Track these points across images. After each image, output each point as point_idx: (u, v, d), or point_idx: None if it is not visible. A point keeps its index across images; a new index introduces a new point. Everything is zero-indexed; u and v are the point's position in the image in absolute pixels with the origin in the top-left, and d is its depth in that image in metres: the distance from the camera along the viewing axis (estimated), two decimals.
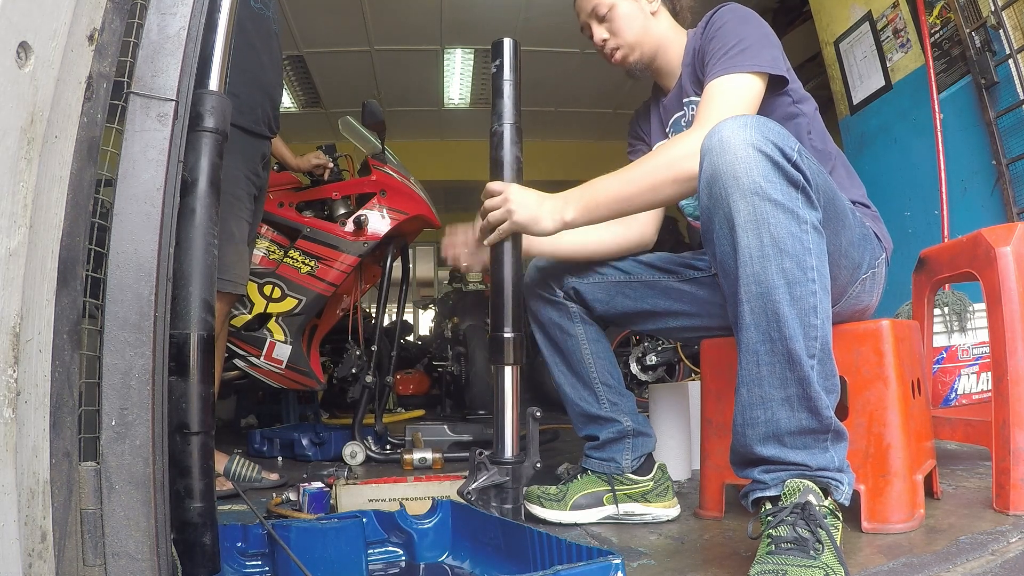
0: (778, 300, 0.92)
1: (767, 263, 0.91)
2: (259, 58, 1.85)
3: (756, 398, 0.96)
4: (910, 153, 3.07)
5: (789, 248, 0.91)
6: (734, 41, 1.23)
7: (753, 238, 0.92)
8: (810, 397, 0.93)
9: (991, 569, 0.96)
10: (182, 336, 0.80)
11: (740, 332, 0.96)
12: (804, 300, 0.92)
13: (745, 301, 0.93)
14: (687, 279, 1.45)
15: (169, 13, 0.80)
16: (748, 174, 0.91)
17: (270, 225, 2.57)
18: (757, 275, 0.92)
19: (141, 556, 0.71)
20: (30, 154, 0.64)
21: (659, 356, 3.86)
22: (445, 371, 4.78)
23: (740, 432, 0.99)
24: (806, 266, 0.92)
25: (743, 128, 0.93)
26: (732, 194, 0.92)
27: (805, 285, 0.92)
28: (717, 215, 0.95)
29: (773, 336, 0.92)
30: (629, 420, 1.43)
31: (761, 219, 0.91)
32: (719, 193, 0.94)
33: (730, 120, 0.96)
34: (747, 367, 0.96)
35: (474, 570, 1.09)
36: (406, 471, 2.12)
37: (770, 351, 0.93)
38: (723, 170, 0.93)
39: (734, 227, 0.93)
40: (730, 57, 1.21)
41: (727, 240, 0.95)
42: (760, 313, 0.93)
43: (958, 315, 2.12)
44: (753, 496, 0.98)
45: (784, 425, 0.94)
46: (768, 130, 0.93)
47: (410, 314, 9.12)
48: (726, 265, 0.96)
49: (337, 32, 5.02)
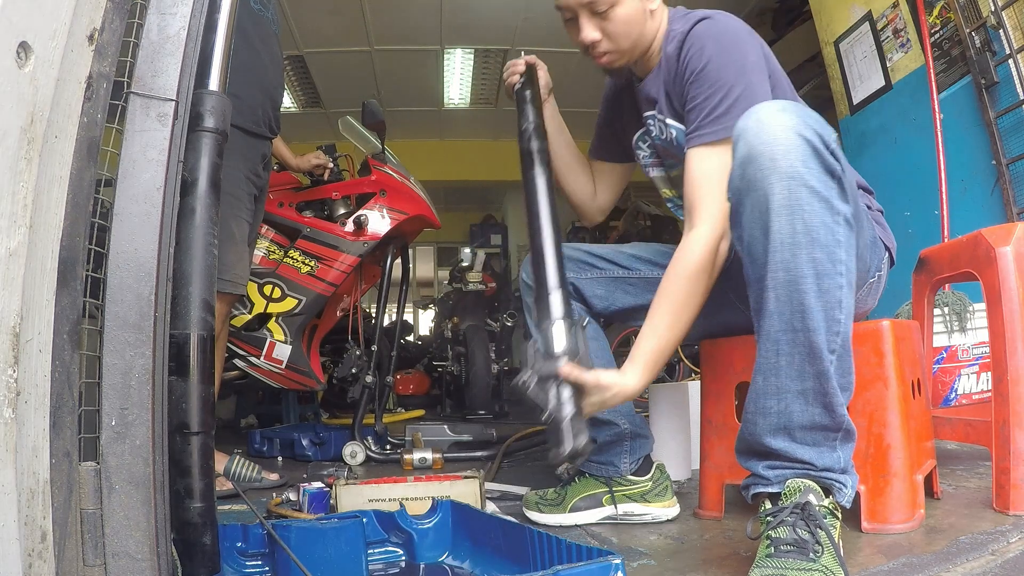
0: (805, 290, 0.90)
1: (798, 251, 0.89)
2: (259, 58, 1.85)
3: (771, 387, 0.94)
4: (910, 153, 3.07)
5: (821, 238, 0.89)
6: (719, 93, 1.15)
7: (786, 223, 0.89)
8: (826, 392, 0.92)
9: (991, 569, 0.96)
10: (182, 336, 0.80)
11: (762, 319, 0.94)
12: (831, 293, 0.91)
13: (771, 288, 0.91)
14: None
15: (169, 13, 0.80)
16: (786, 157, 0.88)
17: (270, 225, 2.57)
18: (786, 262, 0.90)
19: (141, 556, 0.71)
20: (30, 154, 0.64)
21: None
22: (445, 371, 4.78)
23: (751, 420, 0.98)
24: (836, 259, 0.90)
25: (782, 111, 0.91)
26: (768, 176, 0.89)
27: (833, 278, 0.90)
28: (749, 197, 0.92)
29: (796, 326, 0.91)
30: (627, 422, 1.43)
31: (796, 205, 0.88)
32: (753, 175, 0.90)
33: (768, 104, 0.94)
34: (766, 355, 0.94)
35: (474, 570, 1.09)
36: (406, 471, 2.12)
37: (791, 341, 0.92)
38: (761, 151, 0.89)
39: (767, 211, 0.90)
40: (715, 118, 1.14)
41: (758, 224, 0.92)
42: (785, 302, 0.91)
43: (958, 315, 2.12)
44: (754, 491, 0.98)
45: (796, 418, 0.94)
46: (807, 115, 0.91)
47: (410, 314, 9.12)
48: (754, 250, 0.94)
49: (337, 32, 5.02)
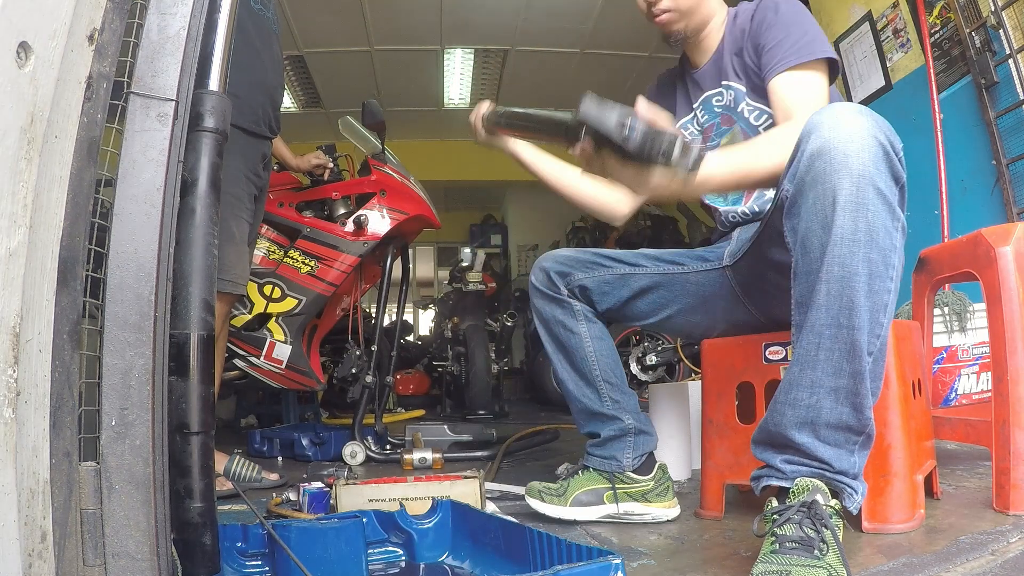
0: (857, 288, 0.90)
1: (856, 249, 0.90)
2: (259, 58, 1.85)
3: (806, 380, 0.95)
4: (910, 153, 3.03)
5: (880, 240, 0.90)
6: (797, 26, 1.23)
7: (849, 220, 0.90)
8: (858, 393, 0.93)
9: (991, 569, 0.96)
10: (182, 336, 0.80)
11: (809, 310, 0.94)
12: (879, 296, 0.92)
13: (824, 281, 0.92)
14: (695, 270, 1.43)
15: (169, 13, 0.80)
16: (860, 156, 0.89)
17: (270, 225, 2.57)
18: (843, 258, 0.90)
19: (141, 556, 0.71)
20: (30, 154, 0.63)
21: (659, 356, 3.86)
22: (445, 371, 4.78)
23: (778, 411, 0.98)
24: (889, 263, 0.92)
25: (859, 113, 0.92)
26: (839, 171, 0.90)
27: (884, 281, 0.92)
28: (815, 190, 0.92)
29: (842, 322, 0.91)
30: (631, 418, 1.43)
31: (862, 203, 0.89)
32: (823, 168, 0.91)
33: (843, 104, 0.95)
34: (806, 347, 0.95)
35: (474, 570, 1.09)
36: (406, 471, 2.12)
37: (834, 336, 0.92)
38: (835, 147, 0.91)
39: (834, 204, 0.90)
40: (798, 48, 1.21)
41: (819, 217, 0.92)
42: (836, 296, 0.91)
43: (958, 315, 2.12)
44: (765, 482, 0.98)
45: (825, 415, 0.94)
46: (882, 121, 0.93)
47: (410, 314, 9.12)
48: (810, 242, 0.94)
49: (337, 32, 5.02)
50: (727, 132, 1.37)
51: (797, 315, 0.97)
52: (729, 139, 1.36)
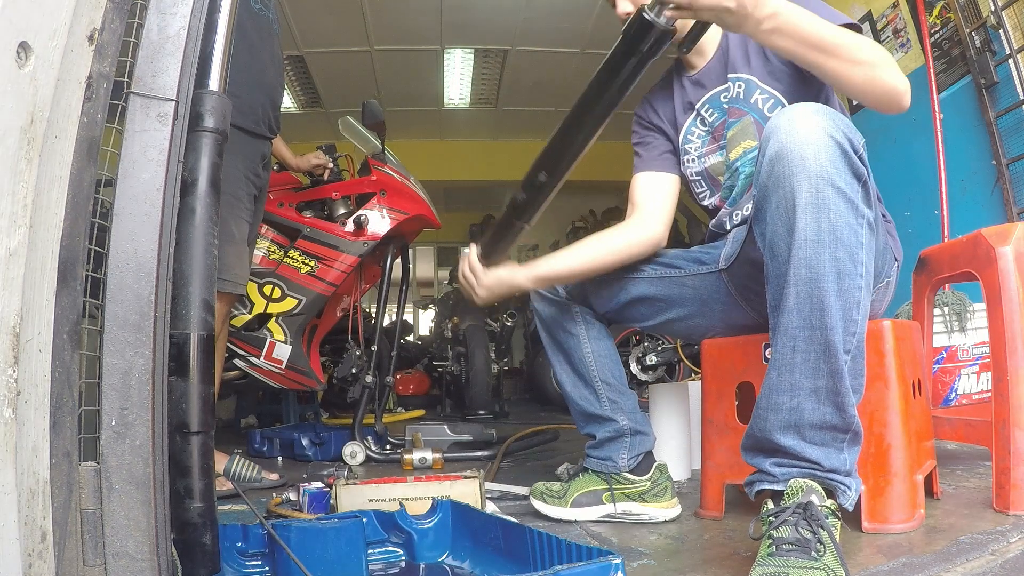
0: (826, 288, 0.91)
1: (821, 249, 0.91)
2: (259, 58, 1.85)
3: (785, 384, 0.95)
4: (910, 153, 3.07)
5: (845, 238, 0.91)
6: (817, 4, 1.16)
7: (811, 222, 0.91)
8: (839, 392, 0.93)
9: (991, 569, 0.96)
10: (182, 336, 0.80)
11: (781, 315, 0.95)
12: (850, 294, 0.92)
13: (792, 284, 0.93)
14: (691, 273, 1.43)
15: (169, 13, 0.80)
16: (816, 157, 0.90)
17: (270, 225, 2.57)
18: (809, 259, 0.91)
19: (141, 556, 0.71)
20: (30, 154, 0.63)
21: (659, 356, 3.86)
22: (445, 371, 4.78)
23: (762, 416, 0.98)
24: (857, 260, 0.92)
25: (815, 113, 0.93)
26: (796, 175, 0.91)
27: (853, 279, 0.92)
28: (776, 194, 0.94)
29: (814, 324, 0.92)
30: (626, 419, 1.43)
31: (822, 204, 0.90)
32: (782, 172, 0.92)
33: (800, 105, 0.95)
34: (782, 351, 0.95)
35: (474, 570, 1.09)
36: (406, 471, 2.12)
37: (808, 338, 0.93)
38: (791, 150, 0.91)
39: (793, 208, 0.91)
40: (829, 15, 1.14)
41: (782, 221, 0.93)
42: (805, 298, 0.92)
43: (958, 315, 2.12)
44: (758, 487, 0.98)
45: (808, 416, 0.94)
46: (839, 118, 0.93)
47: (410, 314, 9.12)
48: (776, 246, 0.95)
49: (337, 32, 5.02)
50: (736, 123, 1.35)
51: (772, 319, 0.98)
52: (739, 129, 1.34)
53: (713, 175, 1.42)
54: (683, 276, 1.43)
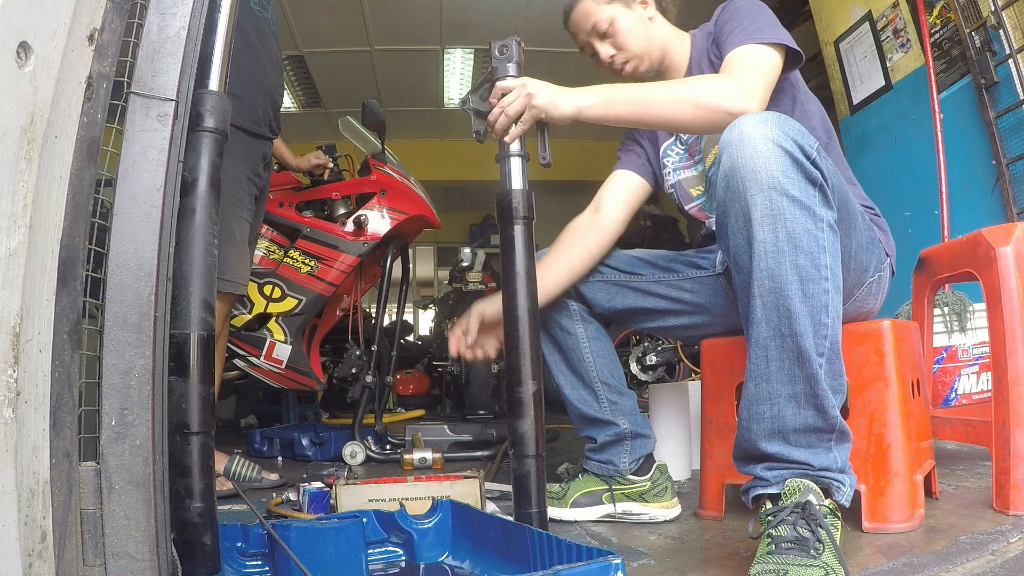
0: (790, 296, 0.91)
1: (781, 259, 0.91)
2: (259, 59, 1.85)
3: (763, 393, 0.96)
4: (910, 153, 3.07)
5: (804, 245, 0.91)
6: (751, 20, 1.25)
7: (769, 233, 0.92)
8: (817, 395, 0.93)
9: (991, 569, 0.96)
10: (182, 336, 0.80)
11: (751, 327, 0.96)
12: (816, 298, 0.92)
13: (757, 296, 0.93)
14: (688, 277, 1.44)
15: (169, 13, 0.80)
16: (767, 169, 0.91)
17: (270, 225, 2.57)
18: (771, 270, 0.92)
19: (141, 556, 0.71)
20: (30, 154, 0.64)
21: (659, 356, 3.86)
22: (445, 371, 4.78)
23: (745, 427, 0.99)
24: (820, 264, 0.93)
25: (763, 123, 0.93)
26: (749, 188, 0.92)
27: (818, 283, 0.92)
28: (733, 209, 0.95)
29: (783, 332, 0.92)
30: (627, 422, 1.43)
31: (778, 214, 0.91)
32: (736, 187, 0.93)
33: (750, 116, 0.96)
34: (756, 362, 0.96)
35: (474, 570, 1.09)
36: (406, 471, 2.12)
37: (780, 347, 0.93)
38: (742, 164, 0.92)
39: (750, 221, 0.92)
40: (751, 32, 1.23)
41: (742, 235, 0.94)
42: (772, 308, 0.93)
43: (958, 315, 2.12)
44: (754, 493, 0.98)
45: (790, 422, 0.95)
46: (788, 126, 0.94)
47: (410, 314, 9.12)
48: (740, 260, 0.96)
49: (337, 32, 5.02)
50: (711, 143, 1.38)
51: (745, 331, 0.98)
52: (709, 138, 1.37)
53: (686, 188, 1.49)
54: (681, 280, 1.44)
